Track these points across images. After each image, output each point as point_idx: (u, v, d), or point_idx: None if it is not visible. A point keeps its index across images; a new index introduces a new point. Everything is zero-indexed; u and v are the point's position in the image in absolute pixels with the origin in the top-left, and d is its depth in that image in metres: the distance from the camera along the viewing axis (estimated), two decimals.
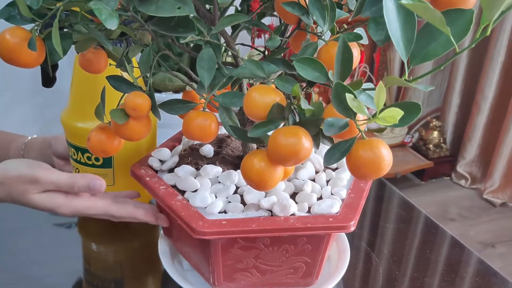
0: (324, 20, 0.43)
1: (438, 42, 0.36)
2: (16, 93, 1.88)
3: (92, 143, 0.52)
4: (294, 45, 0.50)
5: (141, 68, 0.48)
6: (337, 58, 0.38)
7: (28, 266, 0.69)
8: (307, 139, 0.39)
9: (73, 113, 0.70)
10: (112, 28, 0.37)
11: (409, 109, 0.36)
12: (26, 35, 0.42)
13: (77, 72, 0.68)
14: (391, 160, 0.38)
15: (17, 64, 0.42)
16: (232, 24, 0.46)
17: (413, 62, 0.36)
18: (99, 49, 0.52)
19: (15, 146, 0.81)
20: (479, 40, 0.33)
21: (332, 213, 0.51)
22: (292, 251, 0.53)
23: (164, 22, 0.45)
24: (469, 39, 1.52)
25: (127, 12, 0.44)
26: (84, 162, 0.70)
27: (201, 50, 0.47)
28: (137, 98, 0.47)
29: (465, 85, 2.42)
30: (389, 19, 0.35)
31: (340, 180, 0.57)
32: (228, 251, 0.52)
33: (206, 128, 0.48)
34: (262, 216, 0.51)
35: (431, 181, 2.47)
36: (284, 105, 0.41)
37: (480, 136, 2.38)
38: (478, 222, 2.16)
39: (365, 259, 0.72)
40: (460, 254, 0.75)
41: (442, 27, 0.32)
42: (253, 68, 0.45)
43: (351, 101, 0.35)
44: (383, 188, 0.94)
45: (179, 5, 0.41)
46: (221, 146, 0.63)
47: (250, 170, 0.43)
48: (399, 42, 0.35)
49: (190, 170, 0.57)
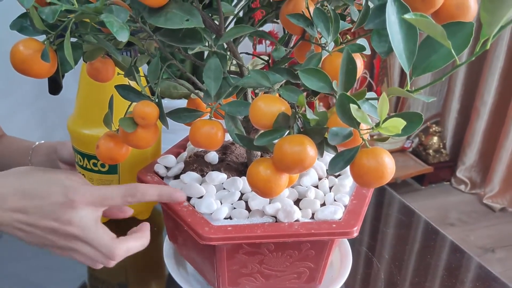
0: (328, 32, 0.44)
1: (439, 54, 0.37)
2: (19, 97, 1.89)
3: (101, 150, 0.53)
4: (299, 55, 0.51)
5: (149, 77, 0.49)
6: (341, 69, 0.39)
7: (32, 271, 0.69)
8: (312, 147, 0.41)
9: (80, 120, 0.71)
10: (123, 40, 0.39)
11: (411, 119, 0.37)
12: (39, 46, 0.43)
13: (84, 80, 0.69)
14: (394, 168, 0.39)
15: (30, 75, 0.43)
16: (238, 35, 0.47)
17: (415, 74, 0.38)
18: (106, 58, 0.53)
19: (22, 151, 0.83)
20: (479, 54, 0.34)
21: (335, 219, 0.52)
22: (296, 256, 0.54)
23: (172, 33, 0.46)
24: (468, 49, 1.54)
25: (136, 24, 0.45)
26: (90, 168, 0.71)
27: (208, 60, 0.48)
28: (146, 107, 0.49)
29: (464, 90, 2.44)
30: (392, 32, 0.36)
31: (342, 186, 0.58)
32: (233, 256, 0.53)
33: (212, 136, 0.49)
34: (267, 222, 0.52)
35: (431, 186, 2.48)
36: (289, 114, 0.42)
37: (480, 141, 2.39)
38: (478, 227, 2.17)
39: (366, 264, 0.73)
40: (460, 259, 0.76)
41: (443, 40, 0.33)
42: (258, 78, 0.46)
43: (355, 112, 0.36)
44: (384, 194, 0.95)
45: (188, 18, 0.42)
46: (226, 153, 0.64)
47: (256, 178, 0.44)
48: (402, 54, 0.37)
49: (195, 177, 0.59)
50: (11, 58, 0.43)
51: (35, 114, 1.98)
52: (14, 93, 1.81)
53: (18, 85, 1.78)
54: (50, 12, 0.37)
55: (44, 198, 0.48)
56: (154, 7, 0.43)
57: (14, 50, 0.43)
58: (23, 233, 0.49)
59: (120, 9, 0.41)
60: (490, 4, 0.31)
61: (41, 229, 0.48)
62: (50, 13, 0.37)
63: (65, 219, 0.47)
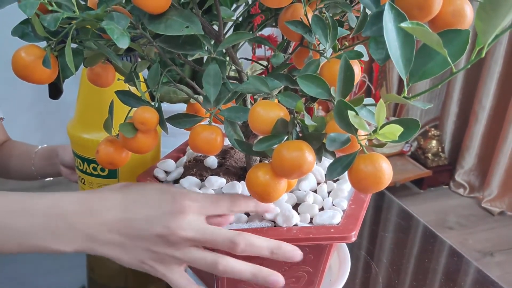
0: (327, 38, 0.45)
1: (435, 61, 0.37)
2: (18, 101, 1.89)
3: (101, 155, 0.53)
4: (297, 61, 0.51)
5: (149, 83, 0.50)
6: (339, 76, 0.40)
7: (32, 275, 0.70)
8: (310, 153, 0.41)
9: (80, 124, 0.71)
10: (123, 47, 0.39)
11: (408, 125, 0.38)
12: (40, 53, 0.43)
13: (84, 85, 0.70)
14: (391, 174, 0.40)
15: (31, 81, 0.44)
16: (238, 41, 0.48)
17: (412, 80, 0.38)
18: (107, 64, 0.54)
19: (26, 155, 0.85)
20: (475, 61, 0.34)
21: (333, 223, 0.52)
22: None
23: (172, 40, 0.47)
24: (466, 55, 1.55)
25: (136, 30, 0.46)
26: (90, 173, 0.72)
27: (208, 66, 0.48)
28: (146, 113, 0.49)
29: (463, 94, 2.45)
30: (389, 39, 0.36)
31: (341, 191, 0.59)
32: None
33: (212, 141, 0.49)
34: (266, 226, 0.52)
35: (429, 189, 2.48)
36: (287, 120, 0.43)
37: (478, 145, 2.40)
38: (477, 230, 2.17)
39: (365, 268, 0.74)
40: (458, 263, 0.76)
41: (439, 49, 0.34)
42: (257, 84, 0.47)
43: (352, 118, 0.37)
44: (382, 198, 0.96)
45: (187, 24, 0.43)
46: (225, 157, 0.65)
47: (255, 183, 0.44)
48: (399, 61, 0.37)
49: (195, 181, 0.59)
50: (12, 64, 0.43)
51: (34, 117, 1.98)
52: (13, 97, 1.82)
53: (18, 89, 1.78)
54: (52, 19, 0.37)
55: (151, 208, 0.46)
56: (154, 13, 0.43)
57: (15, 56, 0.43)
58: (120, 249, 0.46)
59: (121, 16, 0.42)
60: (485, 14, 0.31)
61: (146, 240, 0.45)
62: (52, 21, 0.37)
63: (176, 225, 0.45)
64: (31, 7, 0.37)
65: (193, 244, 0.46)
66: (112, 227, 0.45)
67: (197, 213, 0.46)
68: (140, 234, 0.45)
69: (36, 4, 0.38)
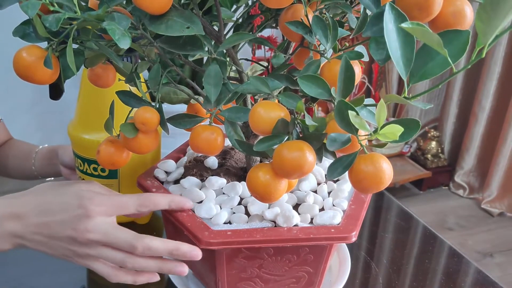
0: (327, 39, 0.45)
1: (436, 61, 0.38)
2: (18, 101, 1.89)
3: (101, 156, 0.53)
4: (297, 62, 0.52)
5: (150, 84, 0.50)
6: (339, 77, 0.40)
7: (32, 275, 0.70)
8: (310, 153, 0.41)
9: (80, 125, 0.71)
10: (124, 47, 0.39)
11: (408, 126, 0.38)
12: (41, 53, 0.43)
13: (85, 86, 0.70)
14: (392, 174, 0.40)
15: (32, 81, 0.44)
16: (238, 42, 0.48)
17: (412, 81, 0.38)
18: (108, 64, 0.54)
19: (26, 155, 0.85)
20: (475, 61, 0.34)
21: (334, 224, 0.52)
22: (295, 261, 0.54)
23: (172, 40, 0.47)
24: (466, 55, 1.55)
25: (137, 30, 0.46)
26: (90, 173, 0.72)
27: (208, 67, 0.49)
28: (146, 113, 0.49)
29: (462, 95, 2.45)
30: (389, 40, 0.37)
31: (341, 191, 0.59)
32: (232, 260, 0.53)
33: (212, 141, 0.49)
34: (266, 227, 0.52)
35: (429, 190, 2.48)
36: (288, 120, 0.43)
37: (478, 146, 2.40)
38: (476, 231, 2.17)
39: (365, 268, 0.74)
40: (458, 263, 0.76)
41: (439, 49, 0.34)
42: (258, 84, 0.47)
43: (353, 118, 0.37)
44: (382, 198, 0.96)
45: (188, 25, 0.43)
46: (225, 158, 0.65)
47: (256, 183, 0.44)
48: (399, 61, 0.37)
49: (195, 182, 0.59)
50: (14, 65, 0.43)
51: (34, 117, 1.98)
52: (13, 97, 1.82)
53: (18, 89, 1.78)
54: (53, 20, 0.38)
55: (62, 212, 0.50)
56: (155, 14, 0.43)
57: (17, 57, 0.43)
58: (45, 247, 0.51)
59: (122, 16, 0.42)
60: (485, 14, 0.31)
61: (61, 240, 0.50)
62: (54, 21, 0.37)
63: (83, 228, 0.49)
64: (33, 8, 0.37)
65: (102, 244, 0.50)
66: (35, 229, 0.50)
67: (104, 215, 0.50)
68: (57, 236, 0.50)
69: (38, 4, 0.38)
